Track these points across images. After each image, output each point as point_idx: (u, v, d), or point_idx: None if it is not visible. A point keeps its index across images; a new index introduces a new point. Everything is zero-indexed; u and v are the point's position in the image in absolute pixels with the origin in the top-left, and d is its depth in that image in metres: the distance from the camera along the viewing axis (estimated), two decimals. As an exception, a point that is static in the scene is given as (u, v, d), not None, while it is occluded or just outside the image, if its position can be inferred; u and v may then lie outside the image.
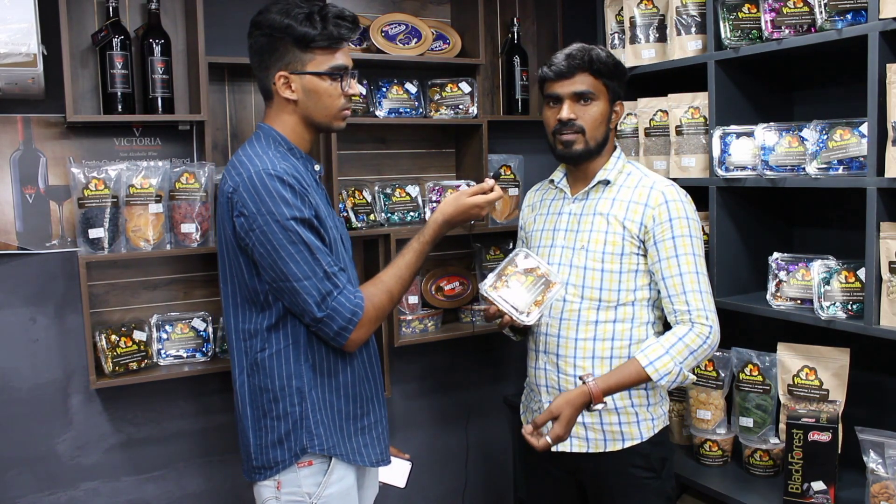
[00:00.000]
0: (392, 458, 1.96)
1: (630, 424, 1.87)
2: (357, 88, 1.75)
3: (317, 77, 1.67)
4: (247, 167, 1.61)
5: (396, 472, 2.00)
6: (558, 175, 2.01)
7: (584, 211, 1.91)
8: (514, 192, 2.75)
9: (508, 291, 1.77)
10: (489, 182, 1.83)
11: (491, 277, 1.79)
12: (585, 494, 1.98)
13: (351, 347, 1.66)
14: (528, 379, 2.03)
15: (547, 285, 1.79)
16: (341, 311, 1.61)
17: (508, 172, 2.75)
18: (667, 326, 1.89)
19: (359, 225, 2.50)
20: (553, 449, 1.90)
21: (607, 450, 1.88)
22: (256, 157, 1.63)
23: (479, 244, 2.79)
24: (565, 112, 1.84)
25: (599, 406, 1.73)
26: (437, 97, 2.61)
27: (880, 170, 1.77)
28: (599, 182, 1.90)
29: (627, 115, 2.47)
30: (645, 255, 1.85)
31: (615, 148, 1.95)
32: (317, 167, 1.77)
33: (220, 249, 1.71)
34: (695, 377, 1.71)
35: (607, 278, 1.85)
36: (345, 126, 1.77)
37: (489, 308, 1.79)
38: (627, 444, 1.87)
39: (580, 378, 1.76)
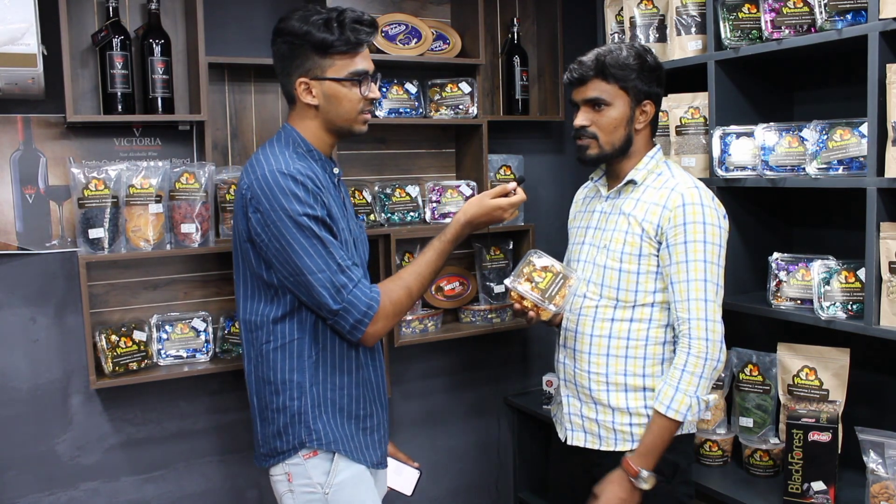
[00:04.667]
0: (401, 465, 1.99)
1: (641, 427, 1.85)
2: (377, 92, 1.77)
3: (336, 83, 1.69)
4: (262, 166, 1.65)
5: (405, 479, 2.01)
6: (598, 173, 2.02)
7: (612, 210, 1.92)
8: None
9: (531, 285, 1.82)
10: (511, 184, 1.84)
11: (513, 274, 1.84)
12: None
13: (368, 342, 1.69)
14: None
15: (565, 280, 1.83)
16: (357, 305, 1.63)
17: (508, 172, 2.75)
18: None
19: (359, 225, 2.51)
20: (568, 442, 1.95)
21: (617, 449, 1.88)
22: (272, 156, 1.66)
23: (479, 244, 2.79)
24: (578, 119, 1.87)
25: (645, 475, 1.77)
26: (437, 97, 2.61)
27: (880, 170, 1.77)
28: (628, 182, 1.90)
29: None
30: None
31: (653, 146, 1.92)
32: (336, 170, 1.80)
33: (235, 243, 1.75)
34: (716, 397, 1.74)
35: (624, 278, 1.85)
36: (366, 129, 1.79)
37: (514, 305, 1.84)
38: (637, 446, 1.86)
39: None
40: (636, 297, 1.84)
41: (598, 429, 1.90)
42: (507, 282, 1.82)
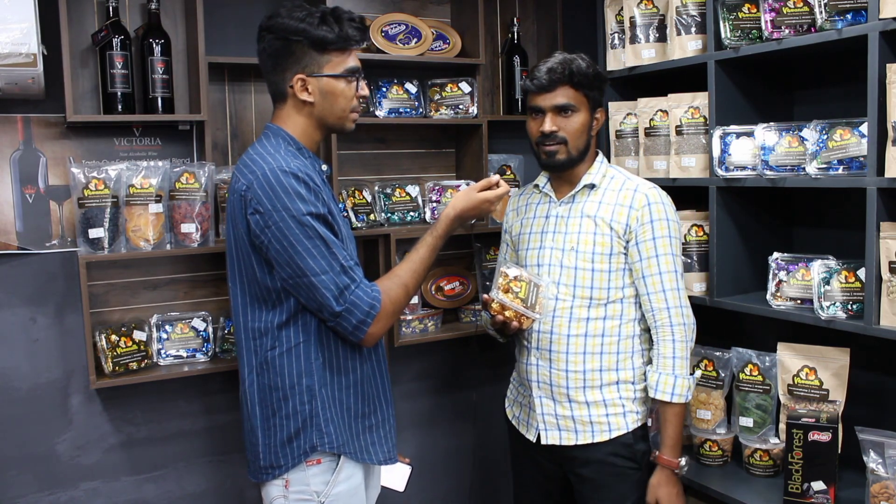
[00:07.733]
0: None
1: (617, 416, 1.93)
2: (366, 90, 1.79)
3: (333, 79, 1.70)
4: (260, 165, 1.63)
5: (396, 475, 2.01)
6: (542, 180, 2.08)
7: (570, 214, 1.98)
8: (513, 192, 2.75)
9: (511, 295, 1.86)
10: (495, 177, 1.91)
11: (493, 288, 1.89)
12: (571, 485, 2.04)
13: (369, 342, 1.68)
14: (518, 374, 2.09)
15: (537, 288, 1.89)
16: (359, 305, 1.63)
17: (508, 172, 2.76)
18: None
19: (359, 225, 2.50)
20: (542, 442, 1.99)
21: (595, 440, 1.94)
22: (269, 154, 1.65)
23: (479, 244, 2.79)
24: (547, 125, 1.91)
25: (684, 461, 1.92)
26: (437, 97, 2.61)
27: (880, 170, 1.77)
28: (585, 186, 1.97)
29: (627, 115, 2.47)
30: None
31: (597, 153, 2.02)
32: (324, 167, 1.79)
33: (230, 248, 1.72)
34: (697, 376, 1.87)
35: (598, 277, 1.92)
36: (354, 127, 1.80)
37: (496, 317, 1.87)
38: (614, 435, 1.93)
39: (651, 459, 1.95)
40: (609, 294, 1.92)
41: (573, 424, 1.95)
42: (491, 294, 1.86)
